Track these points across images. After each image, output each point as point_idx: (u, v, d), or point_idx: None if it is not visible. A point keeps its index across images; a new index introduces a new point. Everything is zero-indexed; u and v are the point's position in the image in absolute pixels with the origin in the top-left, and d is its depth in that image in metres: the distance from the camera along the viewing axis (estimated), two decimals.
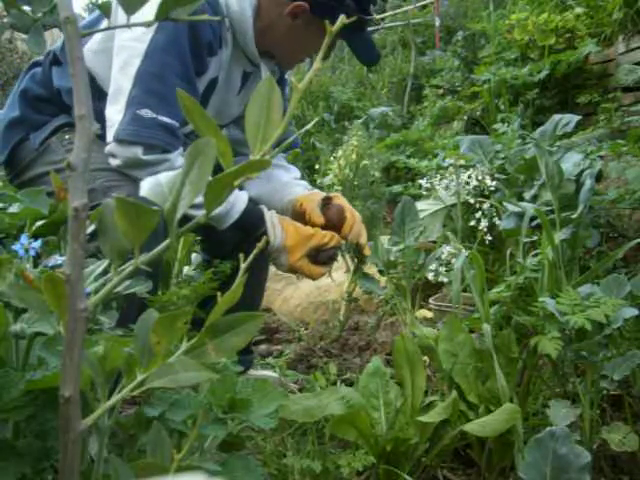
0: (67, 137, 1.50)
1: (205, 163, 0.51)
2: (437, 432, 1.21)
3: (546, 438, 0.94)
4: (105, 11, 0.58)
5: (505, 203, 1.81)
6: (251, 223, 1.46)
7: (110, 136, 1.36)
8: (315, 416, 1.14)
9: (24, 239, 0.73)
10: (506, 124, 2.74)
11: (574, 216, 1.63)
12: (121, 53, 1.39)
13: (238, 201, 1.44)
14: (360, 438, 1.18)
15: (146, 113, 1.34)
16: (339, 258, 1.75)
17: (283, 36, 1.53)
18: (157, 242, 0.55)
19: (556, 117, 2.27)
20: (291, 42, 1.56)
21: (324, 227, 1.58)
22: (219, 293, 0.58)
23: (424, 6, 6.56)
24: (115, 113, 1.36)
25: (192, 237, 1.87)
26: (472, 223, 1.93)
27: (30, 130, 1.51)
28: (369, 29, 1.69)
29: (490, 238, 1.86)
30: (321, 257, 1.50)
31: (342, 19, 0.53)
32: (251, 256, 0.61)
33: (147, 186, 0.55)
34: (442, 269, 1.81)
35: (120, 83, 1.37)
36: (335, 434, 1.20)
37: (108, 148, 1.37)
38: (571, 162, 1.82)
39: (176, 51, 1.38)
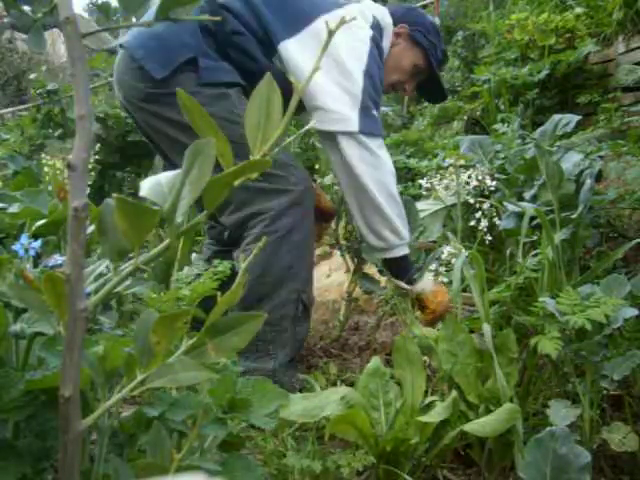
0: (244, 97, 1.60)
1: (205, 163, 0.51)
2: (437, 432, 1.21)
3: (546, 438, 0.94)
4: (105, 11, 0.58)
5: (505, 203, 1.80)
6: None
7: (349, 126, 1.57)
8: (315, 416, 1.14)
9: (24, 239, 0.73)
10: (506, 124, 2.73)
11: (574, 216, 1.62)
12: (348, 38, 1.58)
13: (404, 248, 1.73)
14: (360, 438, 1.17)
15: (375, 113, 1.63)
16: (339, 258, 1.75)
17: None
18: None
19: (556, 117, 2.26)
20: (389, 58, 1.81)
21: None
22: (219, 293, 0.58)
23: (424, 6, 6.54)
24: (349, 107, 1.57)
25: (192, 237, 1.87)
26: (472, 223, 1.92)
27: (199, 54, 1.53)
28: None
29: (490, 238, 1.86)
30: None
31: (342, 19, 0.53)
32: (251, 256, 0.61)
33: (147, 186, 0.55)
34: (442, 269, 1.81)
35: (349, 66, 1.57)
36: (335, 434, 1.20)
37: (353, 138, 1.60)
38: (571, 162, 1.81)
39: (378, 61, 1.69)
